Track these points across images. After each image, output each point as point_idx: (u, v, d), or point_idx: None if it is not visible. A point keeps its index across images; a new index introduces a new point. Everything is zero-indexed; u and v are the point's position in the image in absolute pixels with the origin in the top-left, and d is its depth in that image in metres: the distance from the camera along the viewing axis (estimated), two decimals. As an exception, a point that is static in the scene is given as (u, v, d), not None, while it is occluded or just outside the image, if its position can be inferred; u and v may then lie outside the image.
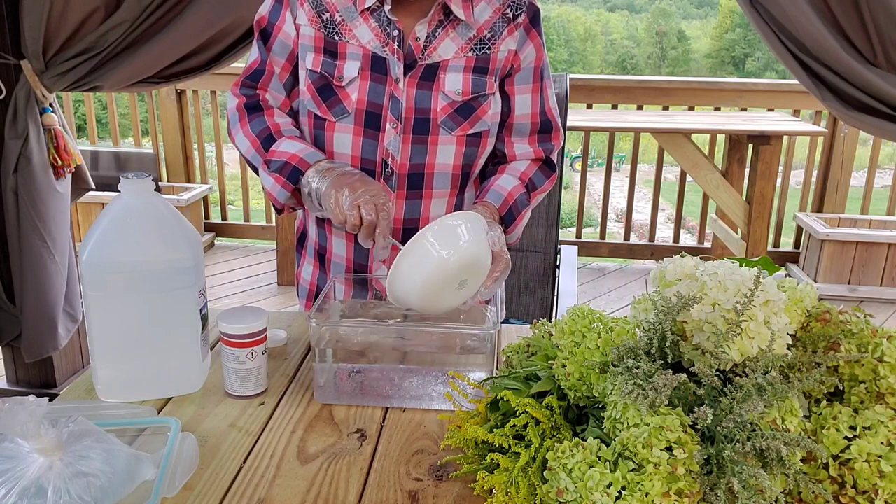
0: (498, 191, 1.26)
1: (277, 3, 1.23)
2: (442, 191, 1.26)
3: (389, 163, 1.22)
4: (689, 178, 3.87)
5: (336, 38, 1.20)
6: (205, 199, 4.25)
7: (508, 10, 1.23)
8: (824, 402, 0.77)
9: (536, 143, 1.31)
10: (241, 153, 1.26)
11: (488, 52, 1.22)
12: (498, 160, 1.34)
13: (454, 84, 1.21)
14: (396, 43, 1.19)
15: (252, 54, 1.27)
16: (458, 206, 1.31)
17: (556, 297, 1.91)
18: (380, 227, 1.04)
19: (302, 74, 1.23)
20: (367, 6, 1.18)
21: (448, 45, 1.21)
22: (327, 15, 1.20)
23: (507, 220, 1.25)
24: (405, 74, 1.20)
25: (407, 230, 1.27)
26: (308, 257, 1.39)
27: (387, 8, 1.18)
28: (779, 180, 3.71)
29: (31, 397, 0.77)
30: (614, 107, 4.00)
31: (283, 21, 1.22)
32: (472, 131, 1.23)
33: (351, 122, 1.21)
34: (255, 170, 1.24)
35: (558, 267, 1.96)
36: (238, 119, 1.25)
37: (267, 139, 1.21)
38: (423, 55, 1.20)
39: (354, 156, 1.22)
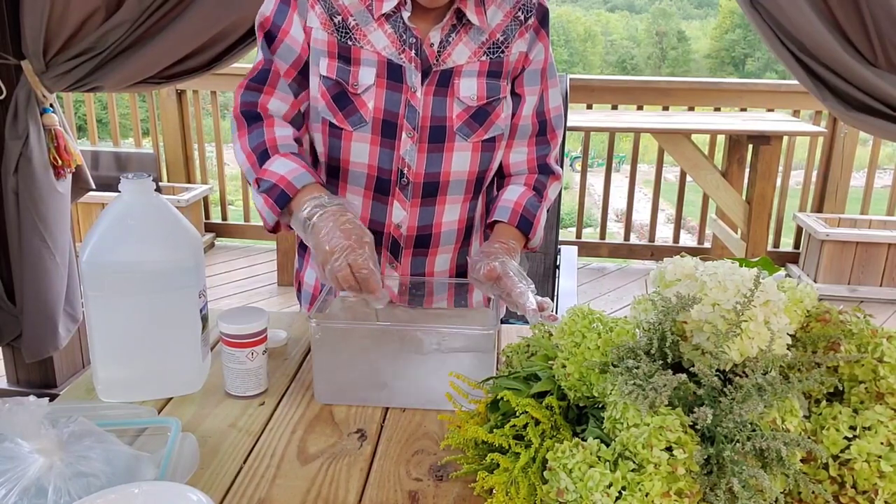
0: (505, 205, 1.26)
1: (283, 4, 1.18)
2: (456, 197, 1.26)
3: (405, 172, 1.21)
4: (688, 179, 3.87)
5: (350, 42, 1.17)
6: (205, 199, 4.25)
7: (520, 13, 1.22)
8: (824, 403, 0.77)
9: (534, 146, 1.30)
10: (238, 164, 1.21)
11: (501, 55, 1.21)
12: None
13: (469, 89, 1.20)
14: (413, 50, 1.17)
15: (258, 56, 1.22)
16: (471, 212, 1.30)
17: (556, 297, 1.91)
18: (364, 294, 1.03)
19: (315, 80, 1.19)
20: (383, 12, 1.15)
21: (461, 49, 1.19)
22: (339, 18, 1.17)
23: (523, 227, 1.25)
24: (422, 82, 1.18)
25: (420, 237, 1.26)
26: (311, 261, 1.38)
27: (405, 14, 1.15)
28: (779, 180, 3.71)
29: (32, 397, 0.77)
30: (614, 107, 4.00)
31: (290, 25, 1.17)
32: (486, 137, 1.22)
33: (368, 132, 1.19)
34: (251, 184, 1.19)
35: (558, 267, 1.97)
36: (237, 128, 1.20)
37: (262, 155, 1.15)
38: (437, 61, 1.18)
39: (371, 164, 1.21)
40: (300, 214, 1.09)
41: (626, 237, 4.22)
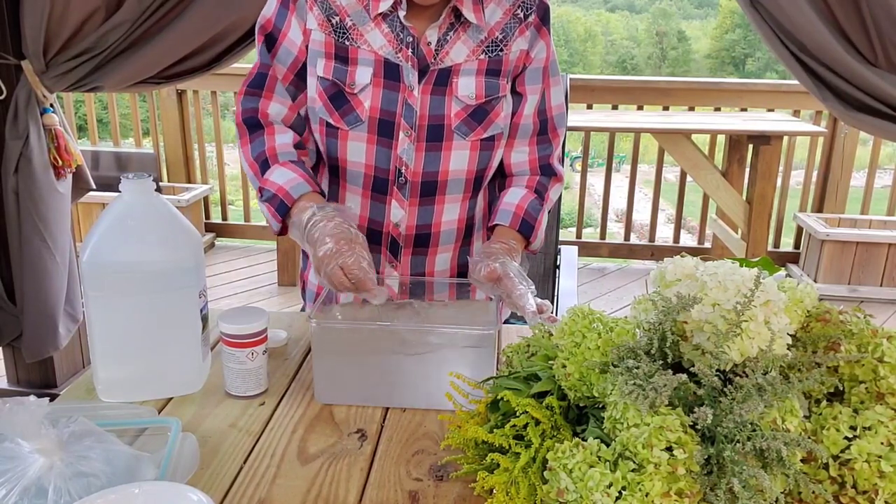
0: (506, 208, 1.26)
1: (283, 7, 1.19)
2: (455, 196, 1.26)
3: (403, 171, 1.21)
4: (689, 179, 3.87)
5: (347, 43, 1.17)
6: (205, 199, 4.24)
7: (519, 11, 1.21)
8: (824, 403, 0.77)
9: (536, 146, 1.30)
10: (245, 171, 1.24)
11: (500, 53, 1.21)
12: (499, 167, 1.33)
13: (467, 88, 1.19)
14: (410, 49, 1.17)
15: (256, 58, 1.23)
16: (471, 211, 1.30)
17: (556, 297, 1.91)
18: (361, 293, 1.05)
19: (312, 81, 1.20)
20: (380, 11, 1.16)
21: (460, 48, 1.19)
22: (337, 19, 1.17)
23: (524, 230, 1.25)
24: (419, 81, 1.18)
25: (419, 236, 1.27)
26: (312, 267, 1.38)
27: (401, 13, 1.15)
28: (779, 180, 3.71)
29: (32, 397, 0.77)
30: (614, 107, 4.00)
31: (289, 27, 1.19)
32: (485, 135, 1.22)
33: (364, 131, 1.19)
34: None
35: (558, 267, 1.96)
36: (239, 135, 1.23)
37: (263, 164, 1.19)
38: (435, 60, 1.18)
39: (368, 164, 1.21)
40: (297, 224, 1.12)
41: (627, 237, 4.22)
